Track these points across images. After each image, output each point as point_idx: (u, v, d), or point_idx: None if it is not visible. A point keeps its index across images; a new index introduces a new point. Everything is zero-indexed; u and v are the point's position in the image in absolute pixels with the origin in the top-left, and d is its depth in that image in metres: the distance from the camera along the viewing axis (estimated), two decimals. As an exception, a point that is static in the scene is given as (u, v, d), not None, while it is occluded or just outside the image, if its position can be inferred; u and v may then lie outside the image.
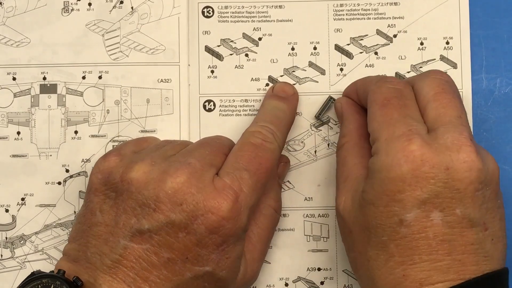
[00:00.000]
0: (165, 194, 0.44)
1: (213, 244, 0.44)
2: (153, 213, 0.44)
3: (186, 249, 0.44)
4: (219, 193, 0.44)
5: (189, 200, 0.44)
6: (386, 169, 0.43)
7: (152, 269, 0.44)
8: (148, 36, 0.54)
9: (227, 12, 0.55)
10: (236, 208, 0.45)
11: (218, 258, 0.45)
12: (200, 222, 0.44)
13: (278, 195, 0.52)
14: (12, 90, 0.54)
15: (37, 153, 0.54)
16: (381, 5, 0.55)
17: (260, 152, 0.47)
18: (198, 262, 0.44)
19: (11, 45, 0.54)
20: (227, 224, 0.44)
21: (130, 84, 0.54)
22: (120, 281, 0.44)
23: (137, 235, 0.44)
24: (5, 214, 0.54)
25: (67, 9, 0.55)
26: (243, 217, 0.45)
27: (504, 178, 0.53)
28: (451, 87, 0.46)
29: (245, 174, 0.46)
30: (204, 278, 0.45)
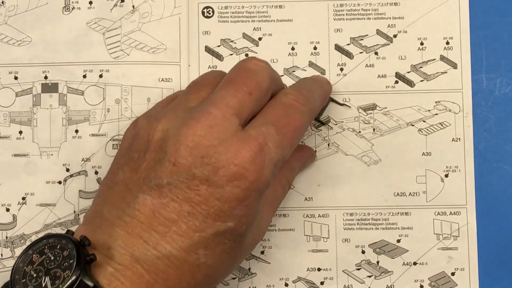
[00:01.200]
0: (186, 147, 0.42)
1: (235, 198, 0.42)
2: (172, 167, 0.42)
3: (208, 204, 0.42)
4: (242, 144, 0.42)
5: (210, 152, 0.42)
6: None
7: (171, 225, 0.41)
8: (149, 35, 0.54)
9: (227, 12, 0.55)
10: (260, 160, 0.42)
11: (241, 214, 0.42)
12: (221, 174, 0.41)
13: (294, 176, 0.51)
14: (14, 89, 0.54)
15: (39, 153, 0.54)
16: (381, 5, 0.55)
17: (290, 110, 0.45)
18: (220, 218, 0.42)
19: (12, 44, 0.55)
20: (250, 176, 0.42)
21: (130, 83, 0.54)
22: (136, 236, 0.41)
23: (155, 189, 0.42)
24: (6, 213, 0.54)
25: (68, 7, 0.55)
26: (266, 171, 0.43)
27: (504, 178, 0.54)
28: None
29: (271, 129, 0.44)
30: (226, 235, 0.42)
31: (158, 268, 0.41)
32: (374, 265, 0.54)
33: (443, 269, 0.53)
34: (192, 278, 0.42)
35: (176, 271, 0.41)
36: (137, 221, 0.42)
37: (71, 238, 0.41)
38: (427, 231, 0.53)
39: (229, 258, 0.44)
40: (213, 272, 0.43)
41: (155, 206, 0.42)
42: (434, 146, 0.54)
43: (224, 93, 0.44)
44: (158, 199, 0.42)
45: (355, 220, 0.54)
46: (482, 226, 0.53)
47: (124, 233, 0.42)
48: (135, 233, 0.41)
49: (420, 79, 0.54)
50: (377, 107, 0.54)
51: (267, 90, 0.46)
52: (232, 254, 0.44)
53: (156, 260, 0.41)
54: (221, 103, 0.44)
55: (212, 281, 0.44)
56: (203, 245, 0.42)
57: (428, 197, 0.54)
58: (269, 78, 0.46)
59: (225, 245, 0.43)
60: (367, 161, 0.54)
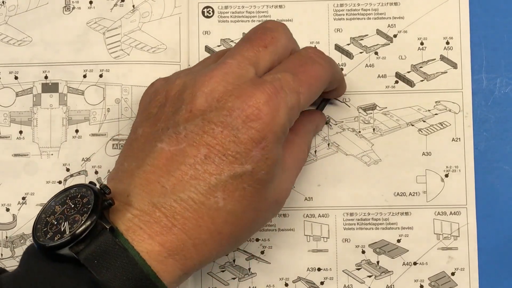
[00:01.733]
0: (201, 93, 0.43)
1: (251, 140, 0.42)
2: (189, 114, 0.43)
3: (224, 146, 0.42)
4: (257, 87, 0.43)
5: (225, 96, 0.43)
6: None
7: (188, 169, 0.42)
8: (149, 34, 0.55)
9: (227, 12, 0.55)
10: (274, 102, 0.43)
11: (258, 156, 0.42)
12: (236, 115, 0.42)
13: (311, 139, 0.52)
14: (14, 89, 0.54)
15: (39, 152, 0.54)
16: (381, 5, 0.55)
17: (308, 61, 0.46)
18: (237, 160, 0.42)
19: (13, 44, 0.55)
20: (264, 117, 0.42)
21: (131, 82, 0.54)
22: (154, 183, 0.42)
23: (173, 136, 0.43)
24: (6, 213, 0.54)
25: (68, 7, 0.55)
26: (281, 114, 0.43)
27: (504, 178, 0.54)
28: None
29: (288, 76, 0.44)
30: (244, 178, 0.42)
31: (176, 212, 0.41)
32: (374, 265, 0.54)
33: (443, 269, 0.53)
34: (211, 222, 0.42)
35: (194, 214, 0.42)
36: (155, 168, 0.42)
37: (91, 186, 0.42)
38: (427, 231, 0.53)
39: (251, 207, 0.44)
40: (234, 219, 0.43)
41: (173, 153, 0.42)
42: (434, 146, 0.54)
43: (241, 47, 0.45)
44: (175, 146, 0.42)
45: (355, 220, 0.54)
46: (482, 226, 0.53)
47: (143, 180, 0.42)
48: (153, 180, 0.42)
49: (420, 79, 0.54)
50: (377, 107, 0.54)
51: (284, 46, 0.47)
52: (254, 203, 0.44)
53: (174, 203, 0.41)
54: (237, 54, 0.45)
55: (234, 230, 0.44)
56: (221, 188, 0.42)
57: (428, 197, 0.54)
58: (285, 35, 0.47)
59: (245, 190, 0.43)
60: (367, 161, 0.54)
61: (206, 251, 0.43)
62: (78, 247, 0.40)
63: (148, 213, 0.41)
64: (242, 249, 0.54)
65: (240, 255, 0.54)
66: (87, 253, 0.40)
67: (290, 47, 0.47)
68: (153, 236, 0.41)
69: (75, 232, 0.40)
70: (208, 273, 0.54)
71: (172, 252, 0.41)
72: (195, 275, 0.53)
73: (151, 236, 0.41)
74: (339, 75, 0.51)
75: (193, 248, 0.42)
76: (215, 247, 0.43)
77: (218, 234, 0.43)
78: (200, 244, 0.42)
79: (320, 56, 0.47)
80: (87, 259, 0.40)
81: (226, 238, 0.43)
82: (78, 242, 0.40)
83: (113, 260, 0.40)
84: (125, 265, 0.40)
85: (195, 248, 0.42)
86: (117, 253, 0.40)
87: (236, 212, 0.43)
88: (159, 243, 0.41)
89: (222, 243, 0.43)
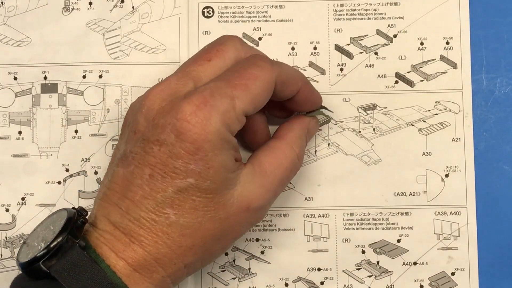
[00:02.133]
0: (141, 113, 0.45)
1: (186, 153, 0.43)
2: (133, 135, 0.45)
3: (162, 163, 0.43)
4: (186, 100, 0.43)
5: (158, 114, 0.44)
6: None
7: (137, 189, 0.44)
8: (149, 35, 0.54)
9: (227, 12, 0.55)
10: (203, 111, 0.43)
11: (199, 168, 0.43)
12: (169, 131, 0.43)
13: (302, 143, 0.50)
14: (14, 89, 0.54)
15: (38, 153, 0.54)
16: (381, 5, 0.55)
17: (246, 65, 0.46)
18: (178, 175, 0.43)
19: (12, 44, 0.55)
20: (194, 128, 0.43)
21: (130, 83, 0.54)
22: (113, 205, 0.44)
23: (123, 159, 0.45)
24: (5, 213, 0.54)
25: (67, 8, 0.55)
26: (213, 122, 0.43)
27: (504, 178, 0.54)
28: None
29: (221, 83, 0.44)
30: (189, 191, 0.44)
31: (132, 230, 0.44)
32: (374, 265, 0.54)
33: (443, 269, 0.53)
34: (167, 238, 0.44)
35: (148, 232, 0.44)
36: (114, 191, 0.45)
37: (68, 210, 0.45)
38: (427, 231, 0.53)
39: (207, 217, 0.44)
40: (191, 231, 0.44)
41: (125, 175, 0.44)
42: (434, 146, 0.54)
43: (185, 63, 0.47)
44: (126, 168, 0.44)
45: (355, 220, 0.54)
46: (482, 226, 0.53)
47: (105, 203, 0.45)
48: (113, 202, 0.45)
49: (420, 79, 0.54)
50: (377, 107, 0.54)
51: (232, 58, 0.47)
52: (210, 212, 0.44)
53: (129, 223, 0.44)
54: (179, 70, 0.46)
55: (195, 241, 0.45)
56: (168, 204, 0.44)
57: (429, 197, 0.54)
58: (233, 47, 0.47)
59: (194, 202, 0.44)
60: (367, 161, 0.54)
61: (170, 264, 0.44)
62: (50, 262, 0.43)
63: (109, 232, 0.44)
64: (242, 249, 0.54)
65: (240, 255, 0.54)
66: (58, 267, 0.43)
67: (241, 58, 0.47)
68: (117, 253, 0.44)
69: (47, 247, 0.43)
70: (208, 273, 0.54)
71: (136, 267, 0.44)
72: (195, 275, 0.54)
73: (115, 253, 0.44)
74: (288, 76, 0.48)
75: (155, 262, 0.44)
76: (180, 259, 0.45)
77: (179, 248, 0.44)
78: (161, 258, 0.44)
79: (261, 59, 0.47)
80: (58, 271, 0.42)
81: (190, 250, 0.45)
82: (50, 257, 0.43)
83: (83, 272, 0.43)
84: (94, 277, 0.42)
85: (157, 262, 0.44)
86: (86, 265, 0.43)
87: (191, 224, 0.44)
88: (122, 259, 0.43)
89: (186, 255, 0.45)
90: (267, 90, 0.46)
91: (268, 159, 0.47)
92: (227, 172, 0.44)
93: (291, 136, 0.49)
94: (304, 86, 0.49)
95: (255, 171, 0.46)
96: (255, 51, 0.49)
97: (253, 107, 0.45)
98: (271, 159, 0.48)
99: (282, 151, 0.48)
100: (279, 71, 0.47)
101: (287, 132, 0.49)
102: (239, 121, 0.45)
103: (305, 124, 0.51)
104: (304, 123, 0.51)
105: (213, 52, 0.47)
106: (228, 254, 0.54)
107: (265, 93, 0.46)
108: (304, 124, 0.51)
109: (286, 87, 0.48)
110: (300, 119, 0.51)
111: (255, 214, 0.47)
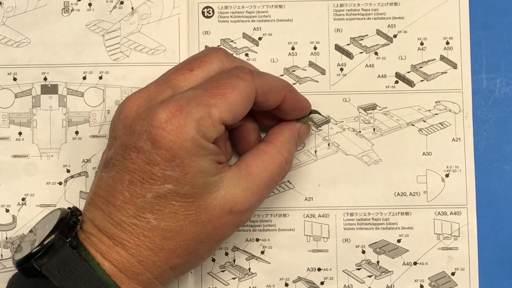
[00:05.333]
0: (119, 120, 0.46)
1: (163, 160, 0.44)
2: (114, 142, 0.46)
3: (141, 170, 0.44)
4: (161, 107, 0.44)
5: (135, 120, 0.45)
6: None
7: (118, 194, 0.45)
8: (148, 36, 0.54)
9: (227, 12, 0.55)
10: (178, 118, 0.43)
11: (176, 175, 0.44)
12: (145, 138, 0.44)
13: (291, 148, 0.50)
14: (13, 90, 0.54)
15: (39, 154, 0.54)
16: (381, 5, 0.55)
17: (225, 76, 0.46)
18: (155, 181, 0.44)
19: (11, 45, 0.54)
20: (168, 136, 0.43)
21: (130, 84, 0.54)
22: (98, 209, 0.46)
23: (106, 164, 0.46)
24: (6, 214, 0.54)
25: (67, 9, 0.55)
26: (188, 129, 0.43)
27: (504, 178, 0.54)
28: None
29: (198, 92, 0.45)
30: (168, 196, 0.44)
31: (114, 233, 0.45)
32: (374, 265, 0.54)
33: (443, 269, 0.53)
34: (149, 241, 0.45)
35: (130, 235, 0.45)
36: (98, 196, 0.46)
37: (63, 209, 0.47)
38: (428, 231, 0.54)
39: (188, 221, 0.45)
40: (172, 234, 0.45)
41: (107, 181, 0.45)
42: (434, 146, 0.54)
43: (167, 71, 0.48)
44: (108, 174, 0.45)
45: (355, 220, 0.54)
46: (482, 226, 0.53)
47: (91, 207, 0.46)
48: (98, 206, 0.46)
49: (420, 79, 0.54)
50: (377, 107, 0.54)
51: (215, 69, 0.47)
52: (191, 216, 0.45)
53: (111, 227, 0.45)
54: (160, 78, 0.47)
55: (178, 244, 0.45)
56: (148, 209, 0.44)
57: (429, 197, 0.54)
58: (217, 59, 0.48)
59: (174, 206, 0.45)
60: (367, 161, 0.54)
61: (155, 266, 0.45)
62: (42, 260, 0.44)
63: (94, 235, 0.45)
64: (242, 249, 0.54)
65: (240, 255, 0.54)
66: (49, 265, 0.44)
67: (224, 69, 0.48)
68: (103, 254, 0.45)
69: (38, 246, 0.44)
70: (208, 273, 0.54)
71: (121, 269, 0.45)
72: (195, 275, 0.54)
73: (102, 254, 0.45)
74: (271, 86, 0.48)
75: (139, 264, 0.45)
76: (164, 262, 0.46)
77: (161, 250, 0.45)
78: (145, 260, 0.45)
79: (241, 70, 0.47)
80: (49, 270, 0.44)
81: (173, 252, 0.45)
82: (41, 255, 0.44)
83: (73, 270, 0.44)
84: (84, 275, 0.44)
85: (141, 264, 0.45)
86: (76, 263, 0.44)
87: (172, 228, 0.45)
88: (108, 260, 0.45)
89: (170, 258, 0.46)
90: (246, 99, 0.46)
91: (255, 162, 0.48)
92: (206, 176, 0.45)
93: (280, 140, 0.50)
94: (289, 94, 0.49)
95: (241, 173, 0.47)
96: (240, 63, 0.49)
97: (231, 115, 0.45)
98: (258, 162, 0.48)
99: (270, 155, 0.48)
100: (261, 82, 0.47)
101: (276, 136, 0.50)
102: (215, 129, 0.45)
103: (295, 129, 0.51)
104: (294, 128, 0.51)
105: (196, 63, 0.47)
106: (228, 254, 0.54)
107: (244, 102, 0.46)
108: (294, 129, 0.51)
109: (269, 97, 0.48)
110: (290, 123, 0.51)
111: (239, 217, 0.47)
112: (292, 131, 0.51)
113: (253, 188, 0.47)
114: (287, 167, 0.50)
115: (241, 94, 0.45)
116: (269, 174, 0.48)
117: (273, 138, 0.50)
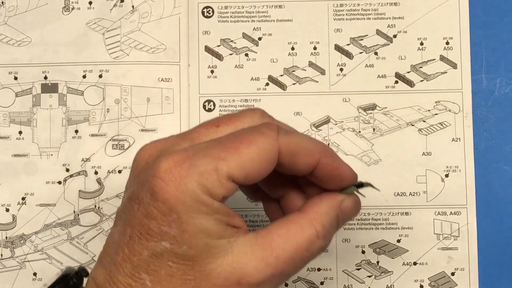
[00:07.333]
0: (131, 170, 0.42)
1: (160, 213, 0.39)
2: (125, 192, 0.42)
3: (139, 223, 0.40)
4: (167, 156, 0.40)
5: (143, 170, 0.41)
6: None
7: (119, 251, 0.40)
8: (148, 35, 0.55)
9: (227, 12, 0.55)
10: (180, 169, 0.39)
11: (173, 232, 0.39)
12: (146, 189, 0.39)
13: (328, 222, 0.42)
14: (14, 89, 0.54)
15: (38, 153, 0.54)
16: (381, 5, 0.55)
17: (248, 131, 0.41)
18: (152, 237, 0.39)
19: (12, 44, 0.55)
20: (166, 187, 0.39)
21: (130, 83, 0.54)
22: (103, 266, 0.41)
23: (116, 217, 0.42)
24: (6, 213, 0.54)
25: (67, 8, 0.55)
26: (188, 181, 0.39)
27: (504, 178, 0.54)
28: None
29: (210, 144, 0.40)
30: (165, 256, 0.39)
31: None
32: (374, 265, 0.54)
33: (443, 269, 0.53)
34: None
35: None
36: (105, 252, 0.42)
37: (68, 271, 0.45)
38: (427, 231, 0.53)
39: (186, 286, 0.40)
40: None
41: (113, 235, 0.42)
42: (434, 146, 0.54)
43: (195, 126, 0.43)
44: (116, 228, 0.41)
45: (355, 220, 0.54)
46: (482, 226, 0.53)
47: (98, 265, 0.42)
48: (102, 264, 0.42)
49: (420, 79, 0.54)
50: (377, 107, 0.54)
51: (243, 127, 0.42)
52: (189, 282, 0.40)
53: (109, 286, 0.41)
54: (184, 131, 0.43)
55: None
56: (143, 269, 0.40)
57: (429, 197, 0.54)
58: (250, 118, 0.43)
59: (171, 268, 0.40)
60: (367, 161, 0.54)
61: None
62: None
63: None
64: (242, 249, 0.54)
65: (240, 255, 0.54)
66: None
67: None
68: None
69: None
70: (208, 273, 0.54)
71: None
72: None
73: None
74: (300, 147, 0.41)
75: None
76: None
77: None
78: None
79: (267, 126, 0.41)
80: None
81: None
82: None
83: None
84: None
85: None
86: None
87: None
88: None
89: None
90: (264, 158, 0.40)
91: (278, 231, 0.41)
92: (208, 238, 0.40)
93: (315, 210, 0.42)
94: (325, 159, 0.42)
95: (257, 241, 0.41)
96: (272, 121, 0.43)
97: (243, 173, 0.40)
98: (282, 232, 0.41)
99: (298, 225, 0.42)
100: (287, 141, 0.41)
101: (311, 206, 0.43)
102: (222, 185, 0.39)
103: (336, 201, 0.43)
104: (335, 199, 0.43)
105: (224, 119, 0.42)
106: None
107: (261, 160, 0.40)
108: (335, 201, 0.43)
109: (297, 160, 0.42)
110: (331, 194, 0.44)
111: None
112: (332, 203, 0.43)
113: (270, 260, 0.40)
114: (319, 243, 0.42)
115: (258, 151, 0.40)
116: (293, 247, 0.41)
117: (307, 208, 0.42)
